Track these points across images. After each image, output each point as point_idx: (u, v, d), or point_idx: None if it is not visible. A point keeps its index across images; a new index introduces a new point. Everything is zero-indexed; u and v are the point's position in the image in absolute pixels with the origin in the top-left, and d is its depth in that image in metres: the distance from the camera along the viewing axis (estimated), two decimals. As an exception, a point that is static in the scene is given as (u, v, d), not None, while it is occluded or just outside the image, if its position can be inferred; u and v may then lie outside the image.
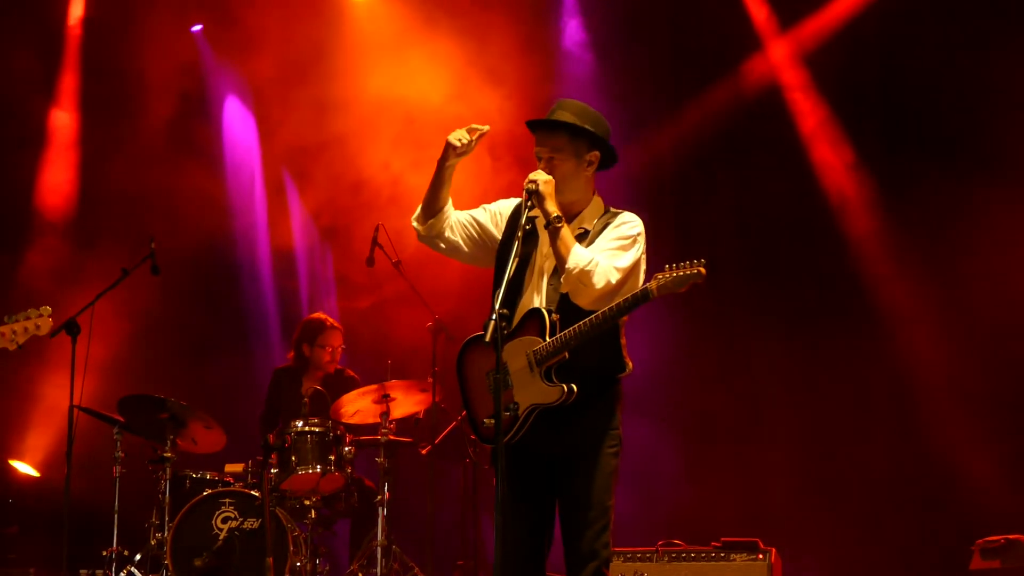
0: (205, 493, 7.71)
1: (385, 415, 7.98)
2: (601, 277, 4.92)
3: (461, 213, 5.31)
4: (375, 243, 8.32)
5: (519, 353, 4.98)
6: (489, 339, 4.66)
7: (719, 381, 9.51)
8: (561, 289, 5.00)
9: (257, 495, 7.57)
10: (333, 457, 7.83)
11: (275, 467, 7.77)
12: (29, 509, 9.58)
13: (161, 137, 10.11)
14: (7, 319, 5.94)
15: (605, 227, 5.10)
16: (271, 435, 7.92)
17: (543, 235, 5.07)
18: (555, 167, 5.09)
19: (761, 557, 7.48)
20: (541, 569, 5.07)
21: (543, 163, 5.12)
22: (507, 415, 4.93)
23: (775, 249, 9.50)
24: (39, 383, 9.74)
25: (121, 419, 7.93)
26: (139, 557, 7.84)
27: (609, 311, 4.90)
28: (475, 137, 5.16)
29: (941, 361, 8.96)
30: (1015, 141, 8.79)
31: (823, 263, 9.39)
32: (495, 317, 4.67)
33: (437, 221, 5.24)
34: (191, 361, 10.13)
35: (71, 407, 7.55)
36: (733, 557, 7.51)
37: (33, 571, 9.12)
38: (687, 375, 9.45)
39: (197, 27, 10.44)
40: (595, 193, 5.21)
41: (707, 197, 9.79)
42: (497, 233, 5.25)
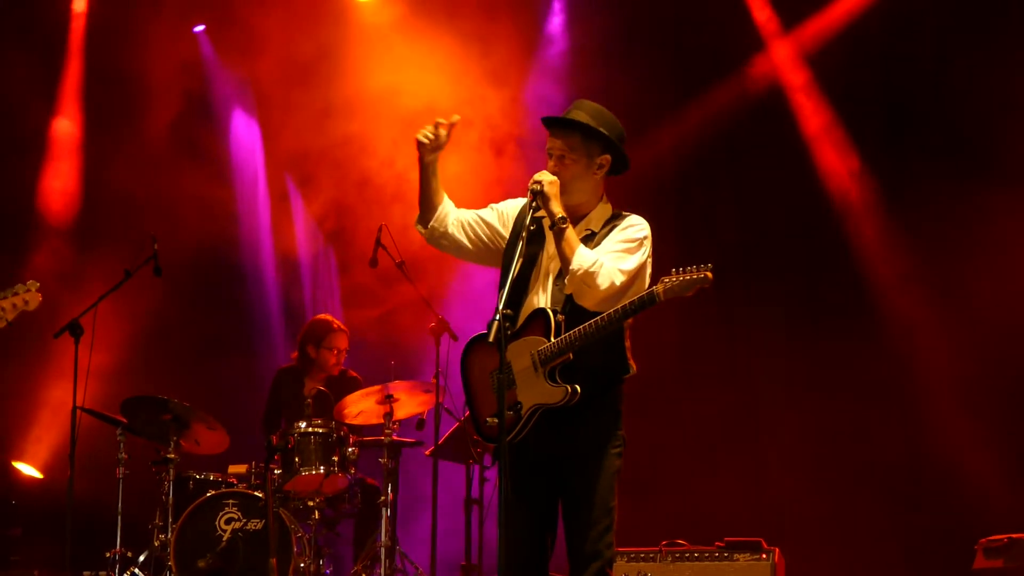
0: (208, 494, 7.71)
1: (389, 416, 7.98)
2: (605, 278, 4.90)
3: (466, 212, 5.28)
4: (378, 244, 8.31)
5: (523, 353, 4.97)
6: (493, 339, 4.65)
7: (721, 381, 9.51)
8: (565, 290, 4.98)
9: (260, 496, 7.57)
10: (337, 458, 7.83)
11: (279, 468, 7.78)
12: (32, 511, 9.57)
13: (164, 139, 10.10)
14: None
15: (612, 230, 5.07)
16: (274, 436, 7.92)
17: (550, 236, 5.04)
18: (565, 166, 5.07)
19: (764, 557, 7.47)
20: (544, 569, 5.06)
21: (553, 160, 5.10)
22: (510, 414, 4.93)
23: (777, 250, 9.50)
24: (42, 385, 9.75)
25: (124, 420, 7.93)
26: (143, 558, 7.85)
27: (615, 313, 4.88)
28: (444, 130, 5.10)
29: (944, 361, 8.96)
30: (1017, 141, 8.79)
31: (825, 264, 9.39)
32: (499, 317, 4.66)
33: (438, 221, 5.21)
34: (194, 362, 10.13)
35: (74, 408, 7.56)
36: (736, 557, 7.51)
37: (37, 573, 9.11)
38: (689, 375, 9.45)
39: (200, 27, 10.44)
40: (604, 196, 5.18)
41: (709, 198, 9.79)
42: (504, 232, 5.22)
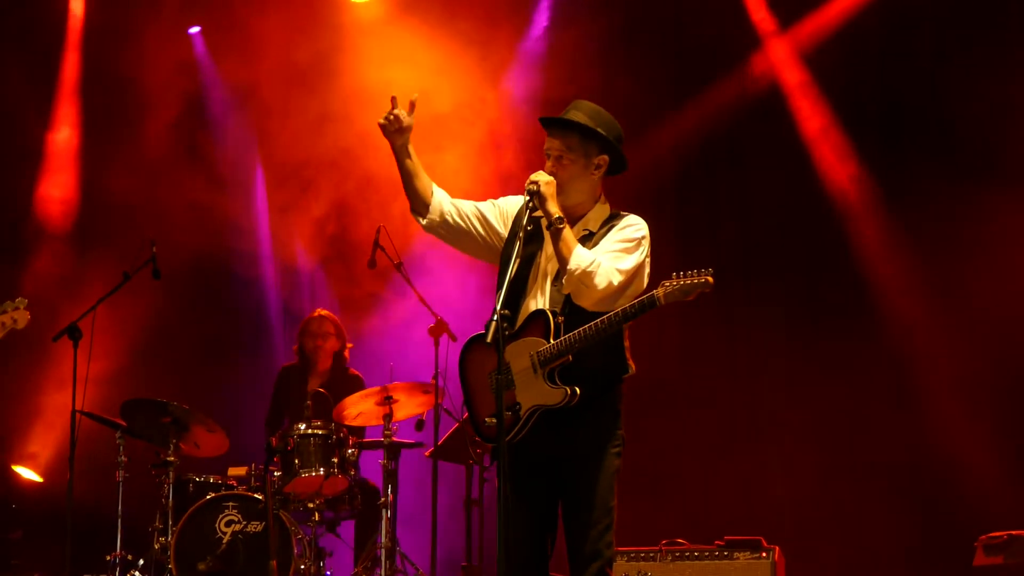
0: (208, 497, 7.70)
1: (388, 417, 7.98)
2: (603, 278, 4.89)
3: (466, 203, 5.25)
4: (376, 245, 8.32)
5: (523, 354, 4.97)
6: (491, 340, 4.64)
7: (721, 381, 9.52)
8: (563, 290, 4.97)
9: (260, 498, 7.57)
10: (336, 460, 7.82)
11: (278, 470, 7.78)
12: (33, 514, 9.57)
13: (163, 143, 10.10)
14: None
15: (610, 230, 5.06)
16: (274, 438, 7.93)
17: (547, 236, 5.03)
18: (563, 167, 5.06)
19: (764, 555, 7.47)
20: (544, 570, 5.06)
21: (551, 161, 5.09)
22: (509, 415, 4.92)
23: (777, 250, 9.49)
24: (42, 388, 9.75)
25: (124, 423, 7.93)
26: (143, 562, 7.85)
27: (615, 316, 4.87)
28: (404, 110, 5.03)
29: (944, 360, 8.96)
30: (1016, 140, 8.78)
31: (825, 263, 9.38)
32: (496, 317, 4.66)
33: (434, 212, 5.17)
34: (193, 365, 10.13)
35: (73, 412, 7.57)
36: (736, 556, 7.50)
37: (37, 576, 9.15)
38: (688, 375, 9.45)
39: (195, 28, 10.45)
40: (602, 197, 5.17)
41: (708, 198, 9.79)
42: (503, 230, 5.20)
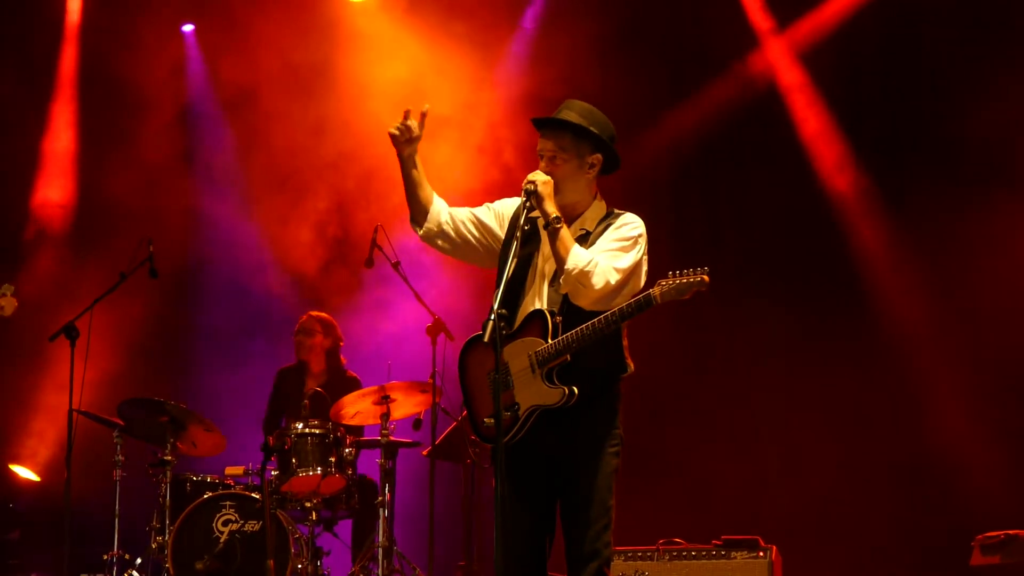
0: (206, 496, 7.70)
1: (385, 416, 7.98)
2: (600, 278, 4.89)
3: (461, 211, 5.24)
4: (374, 244, 8.32)
5: (521, 354, 4.97)
6: (488, 339, 4.65)
7: (718, 380, 9.53)
8: (561, 290, 4.97)
9: (258, 497, 7.57)
10: (334, 459, 7.83)
11: (276, 469, 7.78)
12: (30, 514, 9.57)
13: (160, 145, 10.10)
14: None
15: (607, 228, 5.06)
16: (271, 437, 7.92)
17: (545, 236, 5.02)
18: (557, 167, 5.05)
19: (762, 555, 7.48)
20: (542, 569, 5.06)
21: (545, 161, 5.08)
22: (507, 415, 4.92)
23: (774, 249, 9.50)
24: (39, 388, 9.75)
25: (121, 423, 7.93)
26: (140, 561, 7.85)
27: (612, 316, 4.87)
28: (415, 120, 5.06)
29: (940, 360, 8.97)
30: (1016, 140, 8.78)
31: (824, 262, 9.39)
32: (493, 317, 4.66)
33: (432, 222, 5.17)
34: (191, 364, 10.12)
35: (71, 411, 7.56)
36: (734, 555, 7.51)
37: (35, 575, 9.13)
38: (687, 374, 9.46)
39: (188, 27, 10.44)
40: (597, 195, 5.17)
41: (705, 197, 9.79)
42: (500, 233, 5.19)
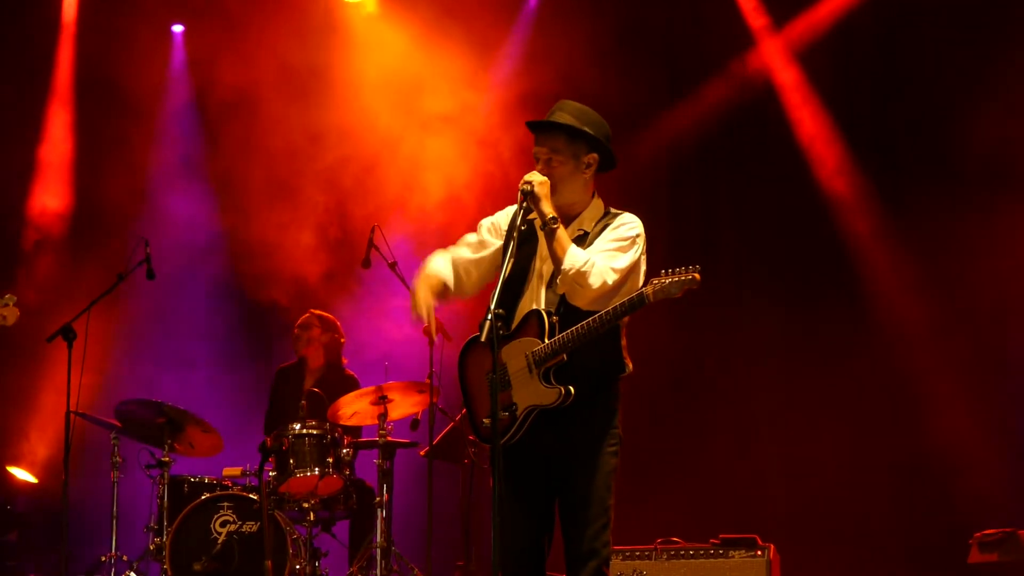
0: (203, 497, 7.70)
1: (383, 417, 7.98)
2: (597, 278, 4.90)
3: (463, 257, 5.23)
4: (371, 244, 8.33)
5: (519, 354, 4.97)
6: (484, 339, 4.65)
7: (716, 378, 9.53)
8: (558, 290, 4.98)
9: (256, 498, 7.56)
10: (331, 459, 7.82)
11: (273, 470, 7.77)
12: (28, 515, 9.57)
13: (157, 149, 10.10)
14: None
15: (604, 228, 5.07)
16: (268, 438, 7.92)
17: (542, 237, 5.03)
18: (553, 168, 5.06)
19: (760, 553, 7.49)
20: (541, 569, 5.06)
21: (541, 164, 5.09)
22: (506, 415, 4.93)
23: (772, 248, 9.51)
24: (36, 389, 9.74)
25: (118, 424, 7.93)
26: (138, 562, 7.84)
27: (606, 315, 4.88)
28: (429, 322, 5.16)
29: (939, 358, 8.98)
30: (1013, 139, 8.79)
31: (822, 262, 9.40)
32: (490, 317, 4.67)
33: (458, 292, 5.22)
34: (189, 365, 10.12)
35: (68, 413, 7.56)
36: (732, 554, 7.52)
37: (32, 577, 9.14)
38: (684, 373, 9.46)
39: (178, 27, 10.44)
40: (595, 195, 5.18)
41: (703, 196, 9.80)
42: (499, 242, 5.19)
